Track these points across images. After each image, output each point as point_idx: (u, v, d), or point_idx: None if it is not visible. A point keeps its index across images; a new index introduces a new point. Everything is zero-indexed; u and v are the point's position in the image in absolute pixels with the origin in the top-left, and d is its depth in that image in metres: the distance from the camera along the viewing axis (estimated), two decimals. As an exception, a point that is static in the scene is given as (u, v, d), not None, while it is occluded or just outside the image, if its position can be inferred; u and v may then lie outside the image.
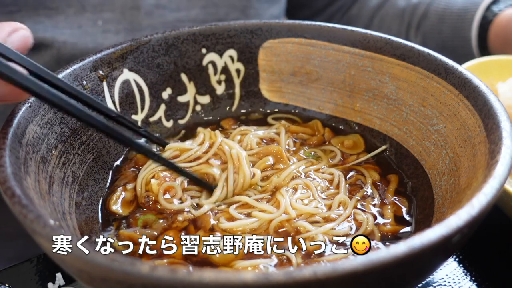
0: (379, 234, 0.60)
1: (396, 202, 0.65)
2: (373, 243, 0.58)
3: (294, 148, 0.74)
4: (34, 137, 0.58)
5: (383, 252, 0.40)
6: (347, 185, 0.67)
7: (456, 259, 0.69)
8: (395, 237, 0.60)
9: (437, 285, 0.66)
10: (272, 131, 0.76)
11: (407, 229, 0.62)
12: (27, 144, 0.56)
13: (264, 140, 0.75)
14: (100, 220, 0.64)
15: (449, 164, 0.62)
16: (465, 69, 0.65)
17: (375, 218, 0.62)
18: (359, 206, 0.64)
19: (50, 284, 0.66)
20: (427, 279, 0.66)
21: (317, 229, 0.59)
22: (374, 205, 0.64)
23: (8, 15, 0.94)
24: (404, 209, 0.64)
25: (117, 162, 0.72)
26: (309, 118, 0.81)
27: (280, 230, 0.60)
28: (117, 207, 0.65)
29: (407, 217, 0.63)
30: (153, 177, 0.66)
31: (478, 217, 0.45)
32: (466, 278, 0.67)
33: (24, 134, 0.56)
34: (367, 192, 0.66)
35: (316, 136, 0.77)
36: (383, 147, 0.73)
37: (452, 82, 0.65)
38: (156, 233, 0.60)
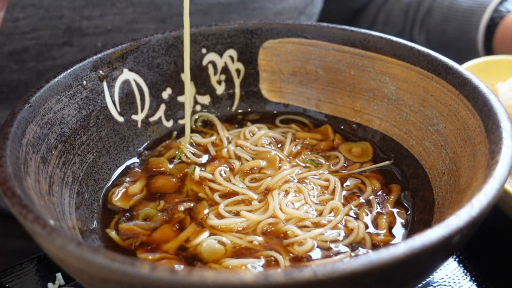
0: (371, 242, 0.59)
1: (394, 213, 0.64)
2: (364, 250, 0.58)
3: (295, 151, 0.74)
4: (34, 137, 0.58)
5: (383, 252, 0.40)
6: (343, 192, 0.67)
7: (456, 259, 0.70)
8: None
9: (437, 285, 0.66)
10: (280, 134, 0.77)
11: (399, 241, 0.60)
12: (27, 144, 0.56)
13: (273, 139, 0.76)
14: (100, 220, 0.64)
15: (449, 164, 0.62)
16: (465, 69, 0.65)
17: (366, 227, 0.61)
18: (351, 213, 0.63)
19: (50, 284, 0.66)
20: (427, 279, 0.66)
21: (305, 234, 0.59)
22: (368, 214, 0.63)
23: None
24: (400, 222, 0.63)
25: (128, 163, 0.72)
26: (319, 121, 0.81)
27: (267, 232, 0.61)
28: (117, 199, 0.66)
29: (402, 230, 0.62)
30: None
31: (478, 217, 0.45)
32: (466, 278, 0.67)
33: (24, 134, 0.56)
34: (363, 200, 0.65)
35: (325, 142, 0.76)
36: (387, 162, 0.72)
37: (452, 82, 0.65)
38: (154, 226, 0.62)
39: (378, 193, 0.67)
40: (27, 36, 0.89)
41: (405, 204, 0.65)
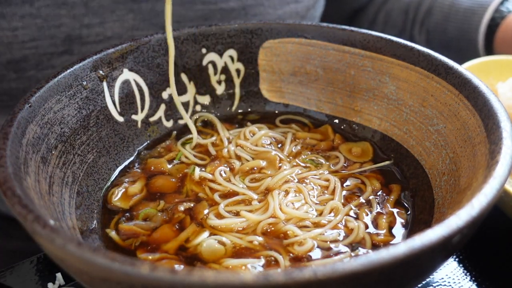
0: (371, 242, 0.59)
1: (394, 213, 0.64)
2: (364, 250, 0.58)
3: (295, 151, 0.74)
4: (34, 137, 0.58)
5: (383, 252, 0.40)
6: (343, 192, 0.67)
7: (456, 259, 0.70)
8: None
9: (437, 285, 0.66)
10: (280, 135, 0.77)
11: (399, 241, 0.60)
12: (27, 144, 0.56)
13: (273, 139, 0.76)
14: (100, 220, 0.64)
15: (449, 164, 0.62)
16: (465, 69, 0.65)
17: (366, 227, 0.61)
18: (351, 213, 0.63)
19: (50, 284, 0.66)
20: (427, 279, 0.66)
21: (306, 234, 0.59)
22: (368, 214, 0.63)
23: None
24: (400, 222, 0.63)
25: (126, 162, 0.72)
26: (319, 121, 0.81)
27: (267, 232, 0.61)
28: (116, 199, 0.66)
29: (402, 230, 0.62)
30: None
31: (478, 217, 0.45)
32: (466, 278, 0.67)
33: (24, 134, 0.56)
34: (363, 200, 0.65)
35: (325, 142, 0.76)
36: (387, 162, 0.72)
37: (452, 82, 0.65)
38: (154, 226, 0.62)
39: (378, 193, 0.67)
40: (26, 45, 0.88)
41: (405, 204, 0.65)
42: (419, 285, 0.65)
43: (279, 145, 0.76)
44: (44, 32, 0.88)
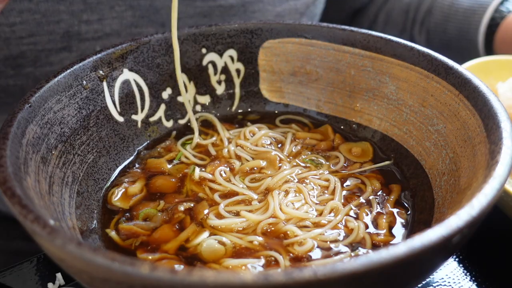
0: (371, 242, 0.59)
1: (394, 213, 0.64)
2: (364, 250, 0.58)
3: (295, 151, 0.74)
4: (34, 137, 0.58)
5: (383, 252, 0.40)
6: (344, 192, 0.67)
7: (456, 259, 0.70)
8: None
9: (437, 285, 0.66)
10: (280, 135, 0.77)
11: (399, 241, 0.59)
12: (27, 144, 0.56)
13: (273, 139, 0.76)
14: (100, 220, 0.64)
15: (449, 164, 0.62)
16: (465, 69, 0.65)
17: (367, 227, 0.61)
18: (352, 213, 0.63)
19: (50, 284, 0.66)
20: (427, 279, 0.66)
21: (306, 234, 0.59)
22: (368, 214, 0.63)
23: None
24: (400, 222, 0.63)
25: (126, 162, 0.72)
26: (319, 121, 0.81)
27: (268, 232, 0.61)
28: (116, 199, 0.66)
29: (402, 230, 0.62)
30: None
31: (478, 217, 0.45)
32: (466, 278, 0.67)
33: (24, 134, 0.56)
34: (363, 200, 0.65)
35: (325, 142, 0.76)
36: (387, 162, 0.72)
37: (452, 82, 0.65)
38: (154, 226, 0.62)
39: (378, 193, 0.67)
40: (23, 41, 0.88)
41: (405, 204, 0.65)
42: (419, 285, 0.65)
43: (279, 145, 0.76)
44: (42, 28, 0.87)
